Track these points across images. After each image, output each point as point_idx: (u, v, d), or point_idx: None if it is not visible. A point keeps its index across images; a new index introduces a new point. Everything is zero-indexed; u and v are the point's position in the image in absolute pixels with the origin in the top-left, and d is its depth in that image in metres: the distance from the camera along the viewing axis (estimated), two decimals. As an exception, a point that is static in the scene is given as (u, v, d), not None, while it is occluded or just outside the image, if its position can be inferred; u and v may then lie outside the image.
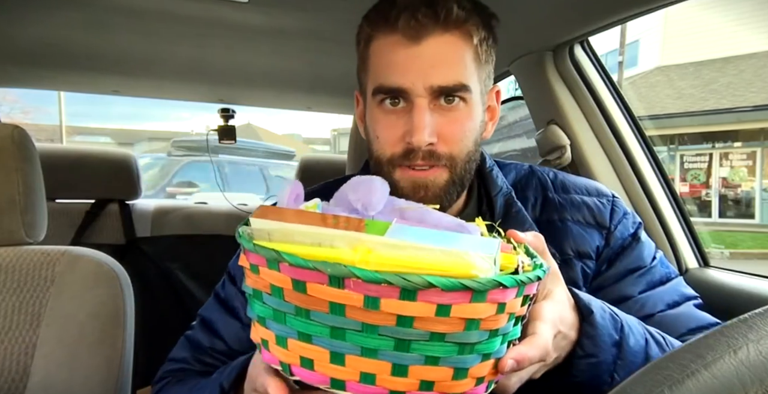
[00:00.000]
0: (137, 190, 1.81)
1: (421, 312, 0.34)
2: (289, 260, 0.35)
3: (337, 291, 0.34)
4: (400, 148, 0.61)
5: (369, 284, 0.33)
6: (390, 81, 0.60)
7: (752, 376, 0.23)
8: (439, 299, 0.34)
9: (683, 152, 10.71)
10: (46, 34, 1.24)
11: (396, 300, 0.34)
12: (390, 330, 0.35)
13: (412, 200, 0.62)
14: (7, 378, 0.80)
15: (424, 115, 0.59)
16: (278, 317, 0.38)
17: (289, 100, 2.05)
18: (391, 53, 0.61)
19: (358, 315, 0.35)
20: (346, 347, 0.36)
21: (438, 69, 0.59)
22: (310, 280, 0.35)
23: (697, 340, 0.27)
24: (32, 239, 0.89)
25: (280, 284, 0.37)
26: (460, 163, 0.62)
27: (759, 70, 9.69)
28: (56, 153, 1.71)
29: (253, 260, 0.39)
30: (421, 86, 0.59)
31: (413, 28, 0.58)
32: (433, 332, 0.35)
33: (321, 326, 0.36)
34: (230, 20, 1.13)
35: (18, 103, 14.43)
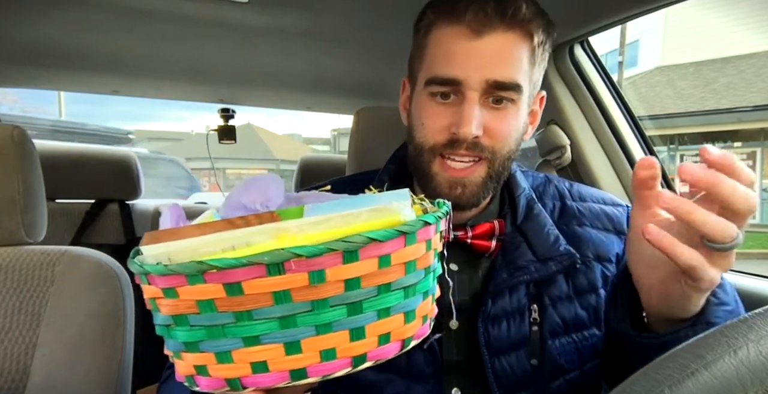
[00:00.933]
0: (137, 190, 1.81)
1: (365, 270, 0.35)
2: (218, 265, 0.33)
3: (278, 279, 0.34)
4: (443, 137, 0.62)
5: (311, 259, 0.33)
6: (446, 72, 0.61)
7: (752, 376, 0.23)
8: (379, 251, 0.35)
9: (683, 152, 10.70)
10: (46, 34, 1.24)
11: (340, 266, 0.34)
12: (340, 298, 0.35)
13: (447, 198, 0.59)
14: (7, 378, 0.80)
15: (474, 107, 0.60)
16: (214, 333, 0.36)
17: (289, 100, 2.05)
18: (451, 44, 0.61)
19: (305, 295, 0.34)
20: (300, 332, 0.35)
21: (495, 64, 0.59)
22: (245, 278, 0.33)
23: (697, 340, 0.27)
24: (32, 239, 0.89)
25: (209, 295, 0.34)
26: (499, 159, 0.63)
27: (759, 70, 9.69)
28: (56, 153, 1.71)
29: (165, 284, 0.35)
30: (477, 80, 0.59)
31: (479, 21, 0.59)
32: (380, 284, 0.36)
33: (267, 322, 0.35)
34: (230, 20, 1.13)
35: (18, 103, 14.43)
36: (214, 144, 2.06)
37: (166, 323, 0.38)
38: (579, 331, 0.65)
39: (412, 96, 0.68)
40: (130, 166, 1.78)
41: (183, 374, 0.39)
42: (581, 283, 0.66)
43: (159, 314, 0.38)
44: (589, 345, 0.65)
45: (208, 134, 2.10)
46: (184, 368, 0.38)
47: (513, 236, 0.67)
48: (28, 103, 15.86)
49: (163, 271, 0.34)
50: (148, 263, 0.36)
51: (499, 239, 0.67)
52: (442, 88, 0.61)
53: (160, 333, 0.39)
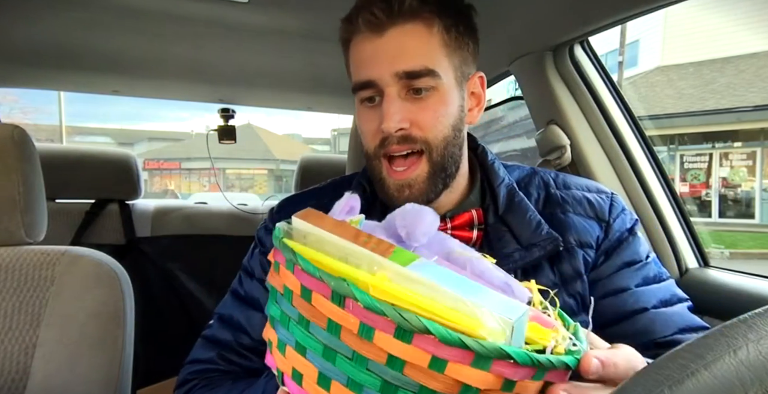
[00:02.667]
0: (137, 190, 1.81)
1: (413, 358, 0.31)
2: (301, 265, 0.34)
3: (337, 309, 0.33)
4: (377, 140, 0.64)
5: (367, 310, 0.31)
6: (361, 76, 0.64)
7: (752, 376, 0.23)
8: (435, 350, 0.30)
9: (683, 152, 10.71)
10: (46, 34, 1.24)
11: (390, 336, 0.31)
12: (379, 368, 0.32)
13: (397, 200, 0.64)
14: (7, 378, 0.80)
15: (393, 102, 0.62)
16: (283, 321, 0.38)
17: (289, 100, 2.05)
18: (359, 50, 0.65)
19: (351, 341, 0.33)
20: (335, 373, 0.34)
21: (402, 56, 0.62)
22: (315, 289, 0.34)
23: (697, 340, 0.27)
24: (32, 239, 0.89)
25: (291, 286, 0.36)
26: (437, 149, 0.64)
27: (759, 70, 9.69)
28: (56, 153, 1.71)
29: (277, 258, 0.39)
30: (388, 75, 0.62)
31: (372, 23, 0.62)
32: (422, 385, 0.31)
33: (316, 341, 0.35)
34: (230, 20, 1.13)
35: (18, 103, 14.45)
36: (214, 144, 2.06)
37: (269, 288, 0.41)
38: None
39: None
40: (130, 166, 1.78)
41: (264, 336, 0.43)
42: (566, 270, 0.67)
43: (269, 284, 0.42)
44: None
45: (208, 134, 2.10)
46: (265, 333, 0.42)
47: (496, 227, 0.68)
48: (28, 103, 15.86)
49: (276, 245, 0.38)
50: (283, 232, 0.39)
51: (480, 228, 0.68)
52: (364, 92, 0.65)
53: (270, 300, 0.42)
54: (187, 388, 0.69)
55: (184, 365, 0.73)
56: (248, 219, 1.98)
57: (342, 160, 2.01)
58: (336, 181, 0.81)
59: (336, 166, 1.95)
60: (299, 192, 0.83)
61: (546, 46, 1.16)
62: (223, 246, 1.91)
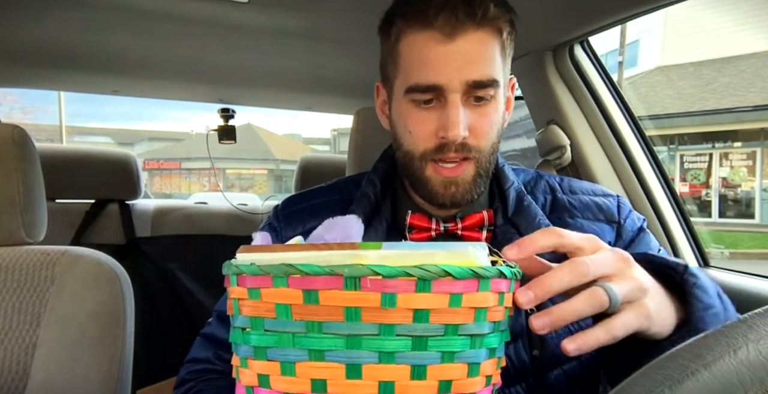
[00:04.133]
0: (137, 190, 1.81)
1: (436, 303, 0.35)
2: (303, 270, 0.35)
3: (352, 294, 0.35)
4: (432, 143, 0.63)
5: (387, 279, 0.34)
6: (426, 79, 0.61)
7: (752, 376, 0.23)
8: (452, 287, 0.35)
9: (683, 152, 10.71)
10: (46, 34, 1.24)
11: (412, 293, 0.35)
12: (407, 328, 0.35)
13: (442, 197, 0.65)
14: (7, 378, 0.80)
15: (460, 109, 0.60)
16: (284, 341, 0.37)
17: (289, 100, 2.05)
18: (425, 49, 0.61)
19: (374, 317, 0.35)
20: (363, 356, 0.35)
21: (473, 65, 0.60)
22: (323, 287, 0.35)
23: (697, 340, 0.27)
24: (32, 239, 0.89)
25: (288, 300, 0.36)
26: (485, 155, 0.64)
27: (759, 70, 9.69)
28: (56, 153, 1.71)
29: (252, 284, 0.38)
30: (457, 82, 0.60)
31: (451, 25, 0.59)
32: (447, 324, 0.36)
33: (335, 338, 0.36)
34: (230, 20, 1.13)
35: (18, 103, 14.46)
36: (214, 144, 2.06)
37: (243, 326, 0.39)
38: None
39: (391, 102, 0.69)
40: (130, 166, 1.79)
41: (245, 385, 0.40)
42: None
43: (239, 316, 0.39)
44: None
45: (208, 134, 2.10)
46: (248, 378, 0.39)
47: (505, 229, 0.68)
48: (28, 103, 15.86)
49: (255, 271, 0.37)
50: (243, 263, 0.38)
51: (489, 229, 0.68)
52: (424, 95, 0.62)
53: (235, 339, 0.40)
54: (185, 388, 0.69)
55: (183, 364, 0.73)
56: (248, 219, 1.98)
57: (342, 160, 2.01)
58: (341, 180, 0.80)
59: (336, 166, 1.95)
60: (302, 191, 0.82)
61: (546, 46, 1.16)
62: (223, 246, 1.91)
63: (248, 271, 0.37)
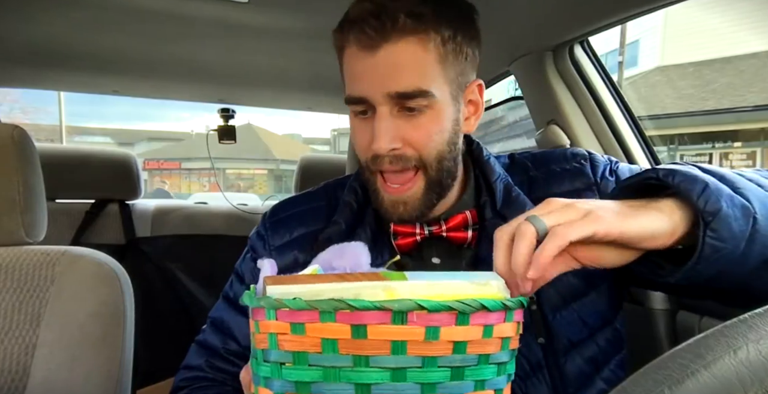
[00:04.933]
0: (137, 190, 1.81)
1: (472, 336, 0.38)
2: (354, 305, 0.36)
3: (399, 328, 0.36)
4: (370, 154, 0.63)
5: (431, 314, 0.36)
6: (353, 91, 0.63)
7: (752, 376, 0.23)
8: (486, 320, 0.38)
9: (683, 152, 10.70)
10: (46, 34, 1.24)
11: (453, 326, 0.37)
12: (448, 360, 0.37)
13: (391, 215, 0.65)
14: (7, 378, 0.80)
15: (383, 122, 0.60)
16: (330, 375, 0.37)
17: (289, 100, 2.06)
18: (351, 64, 0.63)
19: (418, 350, 0.37)
20: (408, 388, 0.37)
21: (394, 77, 0.59)
22: (372, 322, 0.36)
23: (697, 340, 0.27)
24: (32, 239, 0.89)
25: (335, 335, 0.37)
26: (432, 165, 0.63)
27: (759, 70, 9.69)
28: (56, 153, 1.71)
29: (296, 319, 0.37)
30: (379, 95, 0.60)
31: (363, 40, 0.59)
32: (480, 354, 0.39)
33: (381, 372, 0.37)
34: (230, 20, 1.13)
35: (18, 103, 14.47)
36: (214, 144, 2.06)
37: (280, 361, 0.38)
38: (577, 300, 0.65)
39: None
40: (130, 166, 1.79)
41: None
42: None
43: (275, 351, 0.38)
44: (591, 312, 0.65)
45: (208, 134, 2.10)
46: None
47: (495, 223, 0.66)
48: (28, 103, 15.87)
49: (302, 306, 0.37)
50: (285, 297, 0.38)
51: (475, 228, 0.67)
52: (356, 107, 0.64)
53: (268, 373, 0.39)
54: None
55: (179, 370, 0.73)
56: (248, 219, 1.98)
57: (342, 160, 2.01)
58: (329, 183, 0.80)
59: (336, 166, 1.95)
60: (290, 197, 0.81)
61: (546, 46, 1.16)
62: (223, 246, 1.91)
63: (293, 306, 0.37)
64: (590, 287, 0.66)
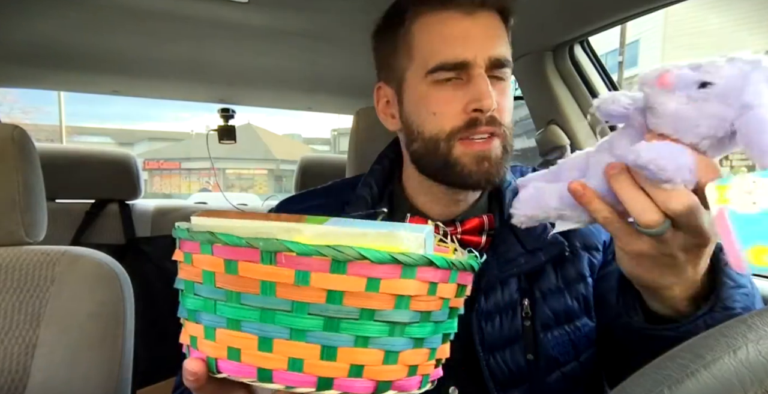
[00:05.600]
0: (137, 190, 1.81)
1: (350, 286, 0.34)
2: (223, 239, 0.35)
3: (268, 268, 0.34)
4: (461, 121, 0.61)
5: (300, 257, 0.34)
6: (452, 55, 0.61)
7: (752, 376, 0.23)
8: (369, 272, 0.34)
9: (683, 152, 10.68)
10: (46, 34, 1.24)
11: (326, 274, 0.34)
12: (320, 308, 0.35)
13: (476, 174, 0.62)
14: (7, 378, 0.80)
15: (487, 82, 0.61)
16: (208, 306, 0.38)
17: (289, 100, 2.05)
18: (446, 27, 0.62)
19: (288, 293, 0.35)
20: (275, 331, 0.35)
21: (494, 41, 0.62)
22: (241, 258, 0.35)
23: (697, 340, 0.27)
24: (32, 239, 0.89)
25: (212, 268, 0.37)
26: (509, 133, 0.64)
27: (759, 70, 9.68)
28: (56, 153, 1.71)
29: (187, 249, 0.39)
30: (482, 58, 0.60)
31: (468, 3, 0.61)
32: (362, 308, 0.35)
33: (251, 310, 0.36)
34: (230, 20, 1.13)
35: (18, 103, 14.48)
36: (214, 144, 2.06)
37: (180, 288, 0.41)
38: (571, 322, 0.65)
39: (402, 96, 0.67)
40: (130, 166, 1.79)
41: (183, 340, 0.41)
42: (569, 273, 0.66)
43: (179, 279, 0.41)
44: (582, 336, 0.65)
45: (208, 134, 2.10)
46: (184, 337, 0.41)
47: (501, 231, 0.67)
48: (28, 103, 15.88)
49: (186, 236, 0.38)
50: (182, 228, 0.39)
51: (489, 234, 0.67)
52: (450, 73, 0.61)
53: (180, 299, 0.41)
54: (178, 393, 0.69)
55: (179, 370, 0.73)
56: None
57: (342, 160, 2.00)
58: (338, 183, 0.80)
59: (336, 166, 1.95)
60: (298, 193, 0.81)
61: (546, 46, 1.16)
62: None
63: (182, 235, 0.38)
64: (585, 311, 0.66)
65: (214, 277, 0.37)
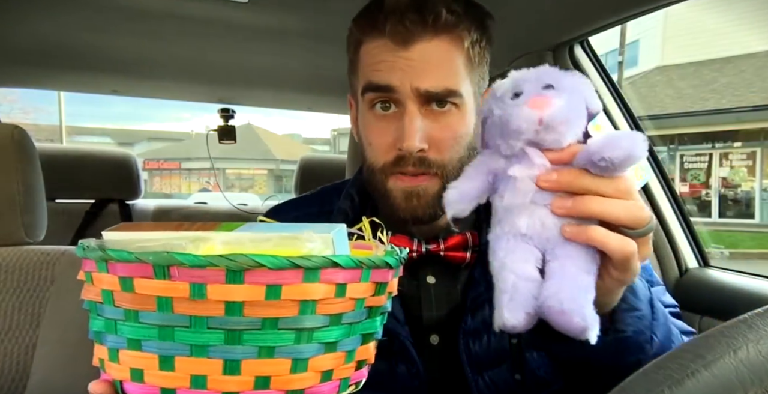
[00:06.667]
0: (137, 190, 1.81)
1: (249, 296, 0.33)
2: (113, 256, 0.33)
3: (162, 283, 0.33)
4: (391, 156, 0.60)
5: (194, 269, 0.32)
6: (378, 78, 0.60)
7: (752, 376, 0.23)
8: (268, 279, 0.32)
9: (683, 152, 10.71)
10: (46, 34, 1.24)
11: (222, 284, 0.32)
12: (219, 321, 0.33)
13: (403, 211, 0.61)
14: (7, 378, 0.80)
15: (415, 120, 0.58)
16: (110, 327, 0.36)
17: (289, 100, 2.05)
18: (378, 55, 0.60)
19: (185, 308, 0.33)
20: (175, 348, 0.34)
21: (427, 74, 0.58)
22: (136, 275, 0.33)
23: (697, 340, 0.27)
24: (32, 239, 0.89)
25: (110, 286, 0.35)
26: (451, 171, 0.60)
27: (759, 70, 9.69)
28: (56, 153, 1.71)
29: (87, 267, 0.37)
30: (409, 87, 0.58)
31: (401, 33, 0.58)
32: (264, 318, 0.33)
33: (149, 327, 0.34)
34: (230, 20, 1.13)
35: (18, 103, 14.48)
36: (214, 144, 2.06)
37: (87, 308, 0.39)
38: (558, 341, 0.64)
39: (357, 114, 0.67)
40: (130, 166, 1.79)
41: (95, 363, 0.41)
42: None
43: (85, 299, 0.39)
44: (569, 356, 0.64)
45: (208, 134, 2.10)
46: (95, 358, 0.41)
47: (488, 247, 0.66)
48: (28, 103, 15.88)
49: (81, 254, 0.36)
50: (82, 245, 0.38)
51: (475, 250, 0.64)
52: (377, 94, 0.60)
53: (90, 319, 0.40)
54: None
55: None
56: (248, 219, 1.98)
57: (342, 160, 2.00)
58: (326, 189, 0.78)
59: (336, 166, 1.95)
60: (285, 202, 0.80)
61: (546, 46, 1.16)
62: None
63: (79, 254, 0.37)
64: None
65: (112, 296, 0.35)
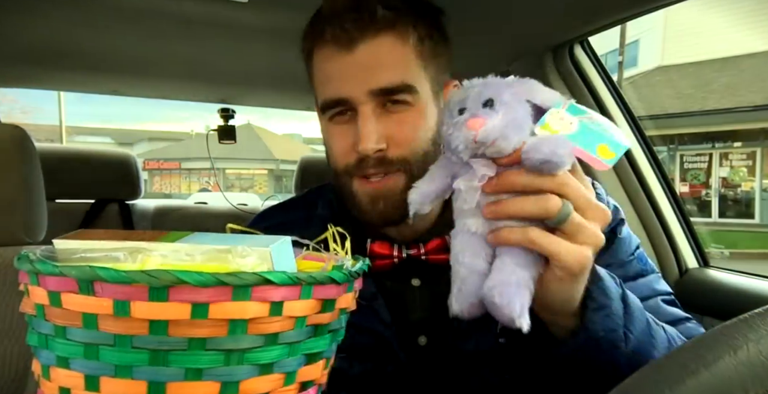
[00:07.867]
0: (137, 190, 1.81)
1: (174, 314, 0.31)
2: (40, 269, 0.32)
3: (87, 299, 0.31)
4: (352, 158, 0.60)
5: (117, 285, 0.30)
6: (330, 94, 0.60)
7: (752, 376, 0.23)
8: (193, 297, 0.31)
9: (683, 152, 10.71)
10: (46, 34, 1.24)
11: (146, 302, 0.30)
12: (143, 340, 0.31)
13: (369, 214, 0.61)
14: (7, 378, 0.80)
15: (368, 122, 0.58)
16: (41, 342, 0.35)
17: (289, 100, 2.05)
18: (327, 65, 0.61)
19: (110, 326, 0.31)
20: (100, 368, 0.32)
21: (375, 72, 0.58)
22: (63, 289, 0.32)
23: (697, 339, 0.27)
24: (32, 239, 0.89)
25: (41, 300, 0.33)
26: (416, 165, 0.59)
27: (759, 70, 9.69)
28: (56, 153, 1.71)
29: (24, 279, 0.36)
30: (361, 93, 0.58)
31: (342, 37, 0.58)
32: (191, 337, 0.31)
33: (76, 345, 0.32)
34: (230, 20, 1.13)
35: (18, 103, 14.48)
36: (214, 144, 2.06)
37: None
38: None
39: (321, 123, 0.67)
40: (130, 166, 1.79)
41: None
42: None
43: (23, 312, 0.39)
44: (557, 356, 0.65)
45: (208, 134, 2.10)
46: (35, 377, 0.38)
47: None
48: (28, 103, 15.88)
49: (16, 265, 0.35)
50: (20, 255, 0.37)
51: None
52: (335, 110, 0.61)
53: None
54: None
55: None
56: (248, 219, 1.98)
57: (342, 160, 2.00)
58: (312, 191, 0.78)
59: (336, 166, 1.95)
60: (273, 206, 0.80)
61: (546, 46, 1.16)
62: None
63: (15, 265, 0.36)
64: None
65: (43, 310, 0.34)
